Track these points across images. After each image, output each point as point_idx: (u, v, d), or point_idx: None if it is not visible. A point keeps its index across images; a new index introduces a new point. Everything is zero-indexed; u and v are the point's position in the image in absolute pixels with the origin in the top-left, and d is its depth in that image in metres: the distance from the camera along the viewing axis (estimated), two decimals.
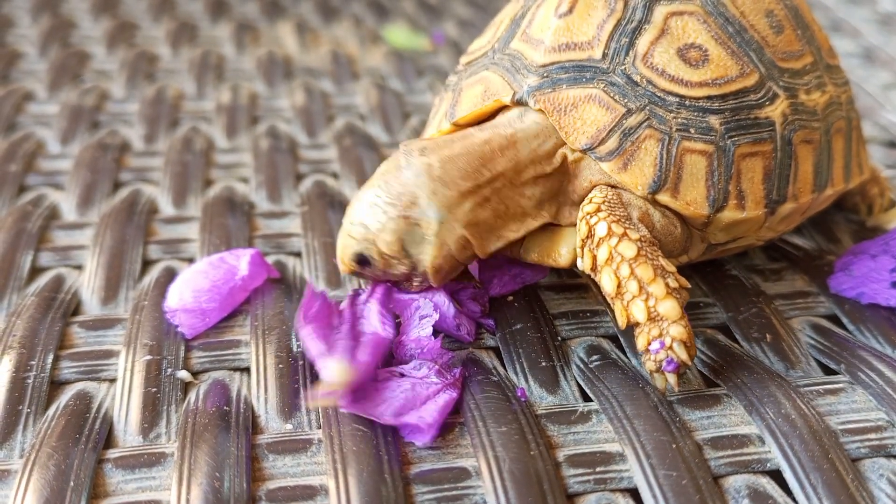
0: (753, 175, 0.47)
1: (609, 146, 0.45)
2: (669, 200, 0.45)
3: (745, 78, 0.47)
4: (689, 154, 0.45)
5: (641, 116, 0.45)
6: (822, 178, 0.50)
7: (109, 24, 0.96)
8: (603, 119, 0.46)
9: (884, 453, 0.40)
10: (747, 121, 0.47)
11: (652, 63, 0.46)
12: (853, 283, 0.51)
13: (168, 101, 0.77)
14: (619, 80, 0.46)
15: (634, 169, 0.45)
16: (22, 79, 0.81)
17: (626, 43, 0.47)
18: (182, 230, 0.58)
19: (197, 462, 0.39)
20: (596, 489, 0.38)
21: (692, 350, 0.42)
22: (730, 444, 0.41)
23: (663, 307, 0.42)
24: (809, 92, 0.50)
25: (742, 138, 0.46)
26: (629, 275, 0.42)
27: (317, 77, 0.84)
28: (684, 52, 0.47)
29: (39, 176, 0.64)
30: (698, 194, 0.45)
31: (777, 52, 0.49)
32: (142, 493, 0.38)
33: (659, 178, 0.45)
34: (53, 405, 0.42)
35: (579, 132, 0.46)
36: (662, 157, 0.45)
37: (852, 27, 1.00)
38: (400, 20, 1.01)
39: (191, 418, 0.41)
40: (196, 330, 0.47)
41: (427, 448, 0.40)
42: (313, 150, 0.70)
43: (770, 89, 0.48)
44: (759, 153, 0.47)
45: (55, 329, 0.47)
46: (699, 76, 0.46)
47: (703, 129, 0.46)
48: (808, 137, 0.49)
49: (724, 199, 0.46)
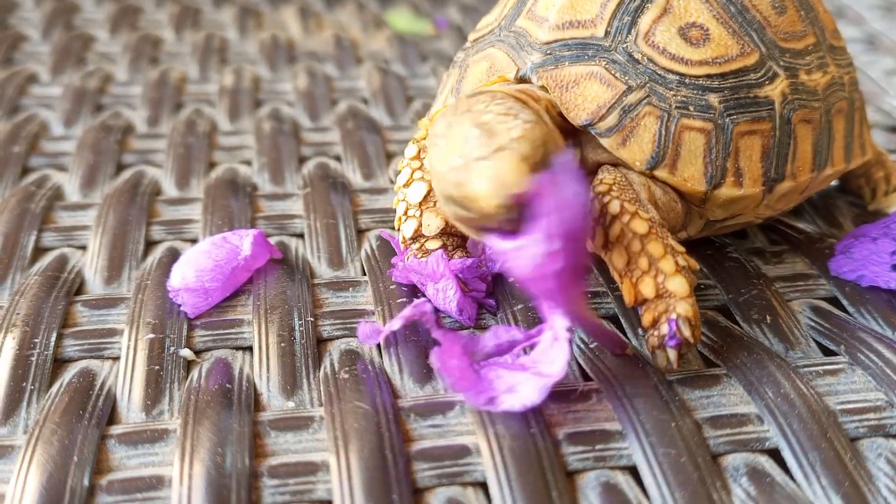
0: (752, 153, 0.47)
1: (609, 122, 0.46)
2: (667, 176, 0.46)
3: (745, 57, 0.47)
4: (688, 131, 0.46)
5: (641, 94, 0.46)
6: (822, 158, 0.50)
7: (113, 8, 0.96)
8: (603, 96, 0.46)
9: (882, 433, 0.41)
10: (746, 99, 0.47)
11: (653, 41, 0.47)
12: (854, 265, 0.52)
13: (171, 84, 0.77)
14: (621, 58, 0.47)
15: (633, 145, 0.45)
16: (25, 61, 0.81)
17: (629, 21, 0.47)
18: (185, 211, 0.58)
19: (199, 438, 0.39)
20: (595, 467, 0.39)
21: (697, 331, 0.42)
22: (729, 423, 0.41)
23: (672, 284, 0.42)
24: (810, 72, 0.50)
25: (741, 116, 0.46)
26: (640, 250, 0.43)
27: (320, 61, 0.84)
28: (685, 30, 0.47)
29: (43, 157, 0.64)
30: (696, 171, 0.46)
31: (779, 33, 0.49)
32: (145, 469, 0.38)
33: (657, 154, 0.45)
34: (57, 382, 0.43)
35: (580, 108, 0.46)
36: (661, 134, 0.45)
37: (856, 13, 1.00)
38: (403, 5, 1.01)
39: (193, 395, 0.42)
40: (199, 309, 0.48)
41: (428, 425, 0.40)
42: (316, 133, 0.70)
43: (770, 69, 0.48)
44: (758, 131, 0.47)
45: (59, 308, 0.48)
46: (699, 55, 0.47)
47: (702, 107, 0.46)
48: (808, 117, 0.49)
49: (721, 176, 0.46)
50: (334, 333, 0.47)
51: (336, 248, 0.54)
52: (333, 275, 0.52)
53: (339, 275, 0.52)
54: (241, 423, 0.40)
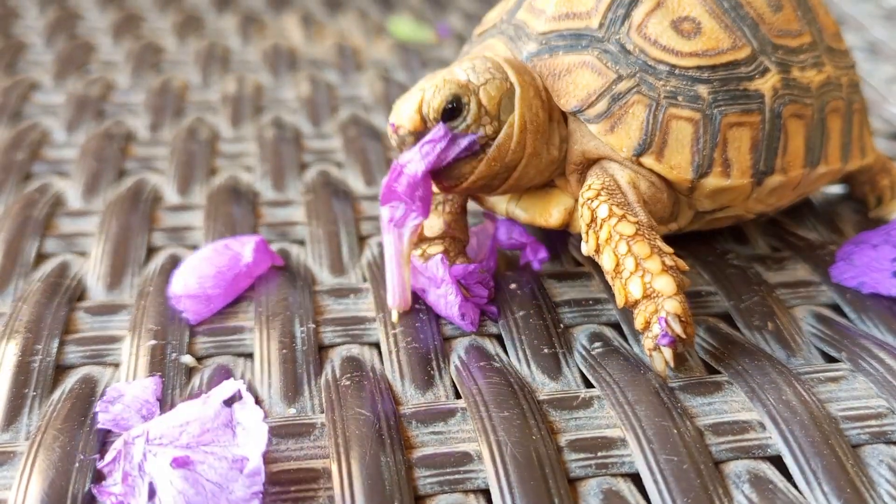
0: (740, 144, 0.47)
1: (598, 109, 0.47)
2: (654, 164, 0.46)
3: (736, 51, 0.48)
4: (676, 120, 0.46)
5: (631, 83, 0.47)
6: (815, 155, 0.51)
7: (115, 16, 0.96)
8: (594, 83, 0.47)
9: (884, 440, 0.41)
10: (736, 92, 0.48)
11: (645, 33, 0.48)
12: (855, 272, 0.52)
13: (173, 92, 0.77)
14: (613, 49, 0.48)
15: (621, 132, 0.46)
16: (28, 69, 0.82)
17: (623, 14, 0.48)
18: (187, 218, 0.58)
19: None
20: (597, 474, 0.39)
21: (689, 328, 0.42)
22: (731, 429, 0.41)
23: (658, 282, 0.43)
24: (804, 69, 0.50)
25: (730, 108, 0.47)
26: (626, 251, 0.43)
27: (322, 68, 0.84)
28: (678, 23, 0.48)
29: (45, 164, 0.65)
30: (683, 159, 0.46)
31: (773, 29, 0.50)
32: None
33: (644, 142, 0.46)
34: (59, 389, 0.43)
35: (570, 95, 0.47)
36: (649, 122, 0.46)
37: (857, 21, 1.00)
38: (405, 12, 1.01)
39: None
40: (200, 316, 0.48)
41: (429, 433, 0.40)
42: (318, 140, 0.70)
43: (761, 63, 0.49)
44: (747, 123, 0.48)
45: (61, 314, 0.48)
46: (690, 47, 0.48)
47: (691, 98, 0.47)
48: (799, 112, 0.50)
49: (708, 166, 0.47)
50: (336, 340, 0.47)
51: (337, 255, 0.54)
52: (335, 281, 0.52)
53: (340, 281, 0.52)
54: None
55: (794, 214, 0.60)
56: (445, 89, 0.45)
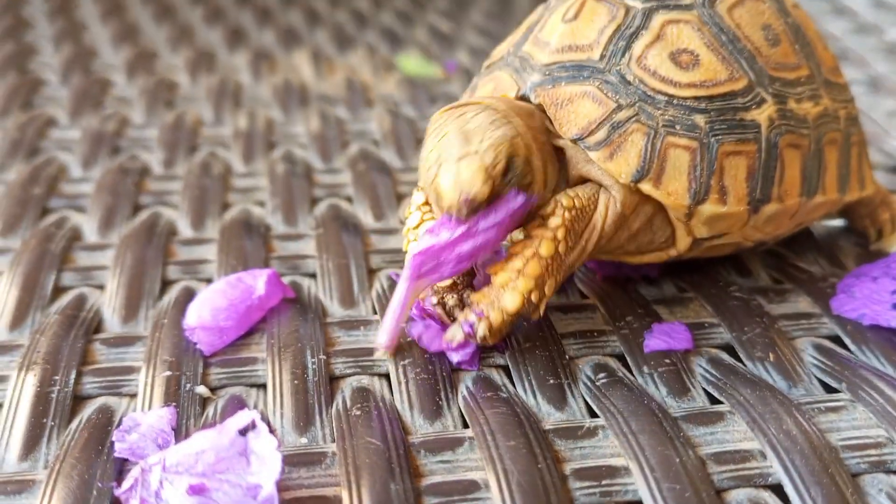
0: (736, 172, 0.49)
1: (598, 137, 0.48)
2: (651, 189, 0.48)
3: (733, 82, 0.50)
4: (673, 148, 0.48)
5: (631, 112, 0.48)
6: (812, 185, 0.52)
7: (130, 53, 0.98)
8: (594, 112, 0.48)
9: (883, 469, 0.41)
10: (733, 121, 0.49)
11: (645, 64, 0.49)
12: (855, 304, 0.52)
13: (187, 127, 0.79)
14: (614, 79, 0.49)
15: (620, 159, 0.48)
16: (45, 105, 0.84)
17: (624, 46, 0.50)
18: (200, 252, 0.59)
19: None
20: (601, 502, 0.40)
21: (493, 339, 0.46)
22: (732, 458, 0.42)
23: (508, 296, 0.46)
24: (801, 101, 0.52)
25: (726, 137, 0.49)
26: (532, 255, 0.46)
27: (332, 104, 0.86)
28: (676, 55, 0.50)
29: (62, 199, 0.66)
30: (680, 185, 0.48)
31: (770, 62, 0.51)
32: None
33: (642, 169, 0.48)
34: (76, 419, 0.44)
35: (572, 123, 0.49)
36: (647, 150, 0.48)
37: (859, 56, 1.01)
38: (413, 49, 1.03)
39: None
40: (214, 347, 0.49)
41: (437, 461, 0.41)
42: (328, 175, 0.71)
43: (758, 94, 0.50)
44: (743, 152, 0.49)
45: (78, 346, 0.49)
46: (688, 78, 0.49)
47: (689, 127, 0.48)
48: (796, 142, 0.51)
49: (705, 193, 0.48)
50: (346, 371, 0.48)
51: (348, 288, 0.55)
52: (345, 314, 0.53)
53: (350, 314, 0.53)
54: None
55: (795, 247, 0.61)
56: (506, 147, 0.45)
